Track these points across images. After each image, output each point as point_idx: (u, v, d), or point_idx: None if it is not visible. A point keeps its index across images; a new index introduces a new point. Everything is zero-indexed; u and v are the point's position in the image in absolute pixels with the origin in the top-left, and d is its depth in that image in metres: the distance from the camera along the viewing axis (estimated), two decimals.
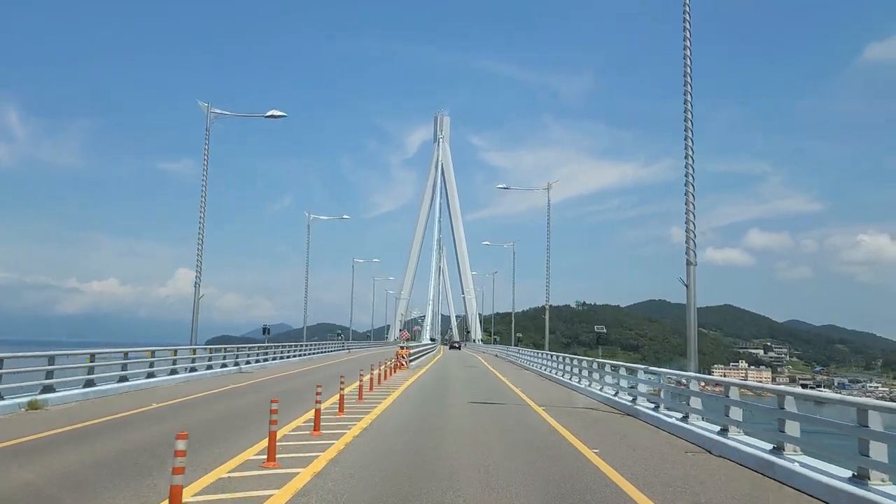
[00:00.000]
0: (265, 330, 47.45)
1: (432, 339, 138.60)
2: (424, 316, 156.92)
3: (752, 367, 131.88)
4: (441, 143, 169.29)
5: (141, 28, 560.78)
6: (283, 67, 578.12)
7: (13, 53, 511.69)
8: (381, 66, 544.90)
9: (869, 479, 7.88)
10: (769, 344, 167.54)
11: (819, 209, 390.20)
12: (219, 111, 32.31)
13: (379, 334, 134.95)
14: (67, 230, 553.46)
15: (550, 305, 50.87)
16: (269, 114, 32.83)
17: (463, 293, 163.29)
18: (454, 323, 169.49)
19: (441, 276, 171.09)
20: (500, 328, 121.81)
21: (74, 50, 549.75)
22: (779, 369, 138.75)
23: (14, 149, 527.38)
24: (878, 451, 7.86)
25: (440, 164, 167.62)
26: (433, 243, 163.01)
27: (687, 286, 17.94)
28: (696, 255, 17.99)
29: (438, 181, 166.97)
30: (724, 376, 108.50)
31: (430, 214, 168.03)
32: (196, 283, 30.48)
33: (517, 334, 75.51)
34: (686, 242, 17.96)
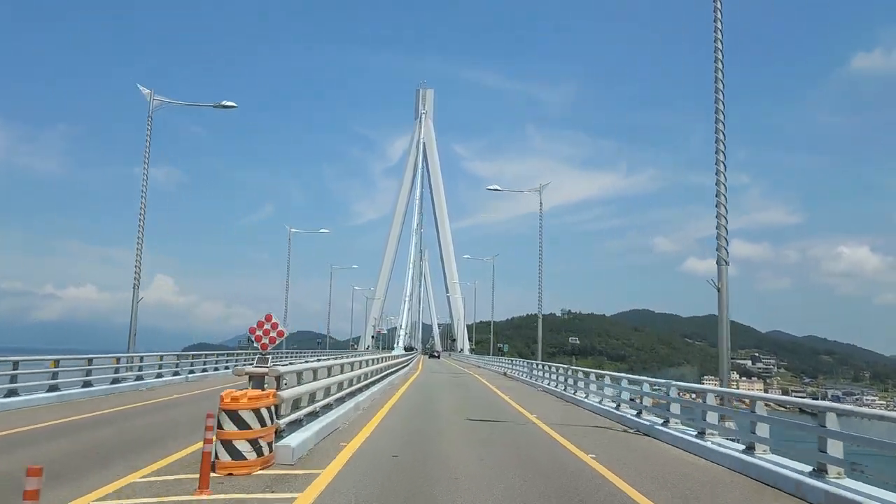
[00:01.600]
0: None
1: (409, 349, 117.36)
2: (402, 321, 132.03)
3: (744, 378, 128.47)
4: (423, 120, 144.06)
5: (116, 34, 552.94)
6: (263, 75, 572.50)
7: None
8: (362, 76, 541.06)
9: None
10: (757, 355, 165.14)
11: (798, 221, 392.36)
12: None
13: (341, 344, 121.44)
14: (44, 236, 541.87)
15: (533, 314, 43.18)
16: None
17: (447, 292, 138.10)
18: (436, 331, 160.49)
19: (424, 283, 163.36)
20: (483, 337, 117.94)
21: (53, 54, 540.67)
22: (768, 381, 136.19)
23: None
24: None
25: (422, 142, 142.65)
26: (412, 233, 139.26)
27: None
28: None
29: (420, 163, 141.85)
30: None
31: (409, 201, 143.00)
32: None
33: (572, 339, 60.08)
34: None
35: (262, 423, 9.05)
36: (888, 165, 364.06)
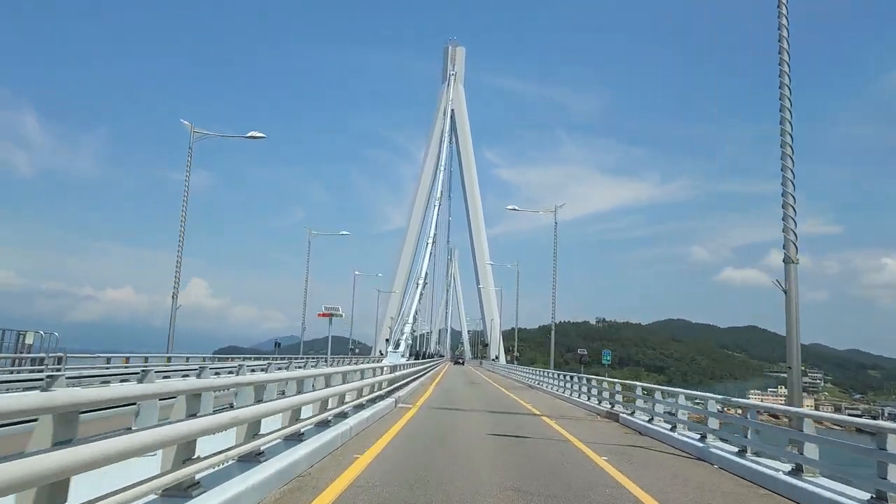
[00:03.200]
0: None
1: (428, 356, 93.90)
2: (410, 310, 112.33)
3: None
4: (452, 83, 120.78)
5: (145, 38, 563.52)
6: (291, 79, 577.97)
7: (30, 55, 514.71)
8: (390, 79, 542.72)
9: None
10: (803, 369, 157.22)
11: (836, 232, 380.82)
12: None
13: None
14: (82, 239, 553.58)
15: (567, 322, 39.55)
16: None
17: (479, 284, 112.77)
18: (465, 337, 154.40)
19: (453, 285, 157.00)
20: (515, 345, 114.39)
21: (84, 54, 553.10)
22: (815, 396, 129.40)
23: (30, 156, 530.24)
24: None
25: (449, 109, 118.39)
26: (434, 202, 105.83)
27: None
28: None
29: (447, 131, 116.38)
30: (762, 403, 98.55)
31: (434, 179, 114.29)
32: None
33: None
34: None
35: None
36: None
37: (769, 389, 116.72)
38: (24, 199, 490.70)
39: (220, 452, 6.65)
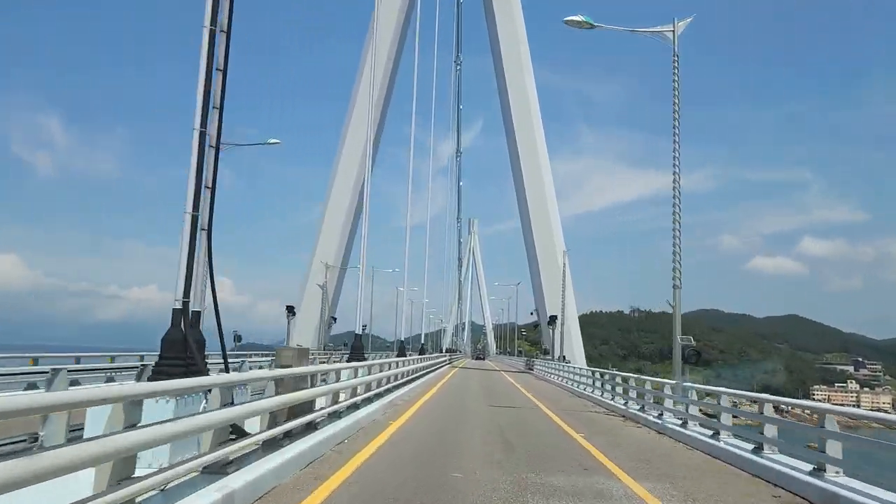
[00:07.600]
0: None
1: (425, 352, 53.95)
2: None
3: (865, 388, 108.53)
4: None
5: (171, 35, 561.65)
6: (306, 74, 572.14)
7: (54, 57, 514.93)
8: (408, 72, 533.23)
9: None
10: (860, 360, 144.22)
11: (864, 218, 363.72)
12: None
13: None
14: (107, 239, 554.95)
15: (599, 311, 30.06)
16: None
17: (527, 204, 65.85)
18: (489, 328, 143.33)
19: (474, 267, 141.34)
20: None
21: (102, 53, 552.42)
22: (879, 390, 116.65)
23: (54, 157, 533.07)
24: None
25: None
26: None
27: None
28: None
29: None
30: (829, 400, 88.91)
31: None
32: None
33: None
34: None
35: None
36: None
37: (837, 385, 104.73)
38: (49, 200, 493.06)
39: None
